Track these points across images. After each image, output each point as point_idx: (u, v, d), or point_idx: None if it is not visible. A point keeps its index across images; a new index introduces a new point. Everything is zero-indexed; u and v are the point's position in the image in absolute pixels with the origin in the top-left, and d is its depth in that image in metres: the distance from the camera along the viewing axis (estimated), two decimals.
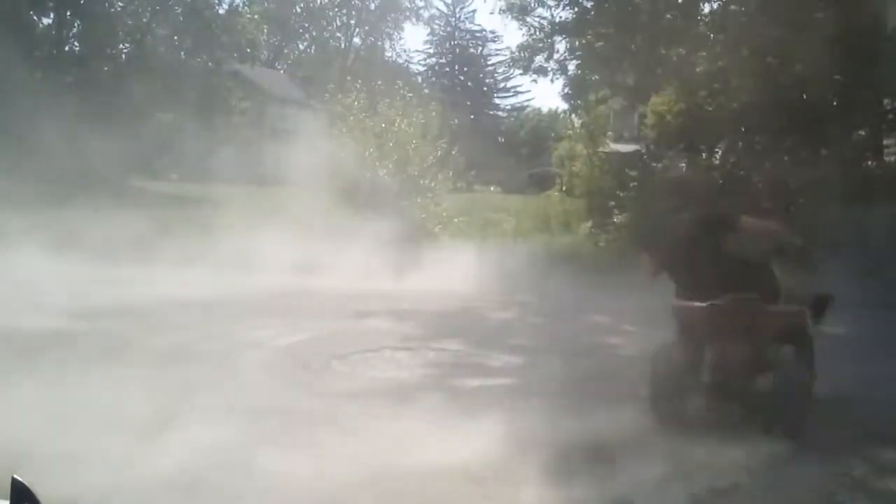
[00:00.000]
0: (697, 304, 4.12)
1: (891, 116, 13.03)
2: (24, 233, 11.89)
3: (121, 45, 28.88)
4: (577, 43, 14.12)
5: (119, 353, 5.35)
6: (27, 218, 13.38)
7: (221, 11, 30.79)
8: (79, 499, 2.93)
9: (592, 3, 13.73)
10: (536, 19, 14.34)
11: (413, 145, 13.85)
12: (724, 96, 13.26)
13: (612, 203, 13.66)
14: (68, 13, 26.60)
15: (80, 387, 4.40)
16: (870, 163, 12.63)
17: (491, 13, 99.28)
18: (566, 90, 15.77)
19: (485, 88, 52.95)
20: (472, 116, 42.87)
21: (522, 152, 46.99)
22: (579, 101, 16.39)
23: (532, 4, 14.19)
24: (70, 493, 2.93)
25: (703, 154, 13.51)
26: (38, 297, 7.56)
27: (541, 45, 14.35)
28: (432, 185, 14.04)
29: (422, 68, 52.55)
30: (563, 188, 19.10)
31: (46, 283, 8.36)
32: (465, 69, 53.04)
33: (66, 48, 27.39)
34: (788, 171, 12.40)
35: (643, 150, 14.93)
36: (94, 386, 4.42)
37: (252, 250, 11.29)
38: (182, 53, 28.97)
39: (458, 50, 53.42)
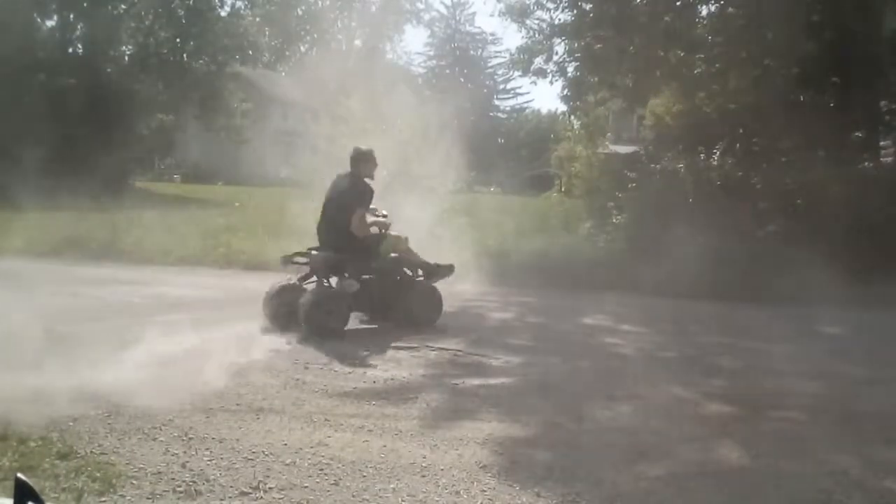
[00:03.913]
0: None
1: (887, 118, 13.11)
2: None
3: (124, 48, 29.01)
4: (576, 45, 14.17)
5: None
6: (26, 218, 13.46)
7: (223, 14, 30.91)
8: (82, 498, 3.03)
9: (591, 6, 13.79)
10: (536, 22, 14.39)
11: (413, 147, 13.92)
12: (723, 98, 13.33)
13: (612, 204, 13.73)
14: (72, 15, 26.72)
15: None
16: (867, 164, 12.70)
17: (490, 15, 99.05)
18: (565, 92, 15.78)
19: (485, 90, 53.07)
20: (472, 118, 42.92)
21: (522, 153, 47.14)
22: (578, 103, 16.44)
23: (531, 7, 14.24)
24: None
25: (702, 155, 13.59)
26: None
27: (540, 47, 14.41)
28: (433, 186, 14.11)
29: (422, 70, 52.71)
30: (563, 189, 19.19)
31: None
32: (466, 71, 53.20)
33: (70, 50, 27.51)
34: (786, 172, 12.48)
35: (642, 152, 15.00)
36: None
37: (253, 251, 11.40)
38: (184, 55, 29.08)
39: (458, 52, 53.59)
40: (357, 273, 6.44)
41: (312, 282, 6.54)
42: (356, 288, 6.37)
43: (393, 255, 6.70)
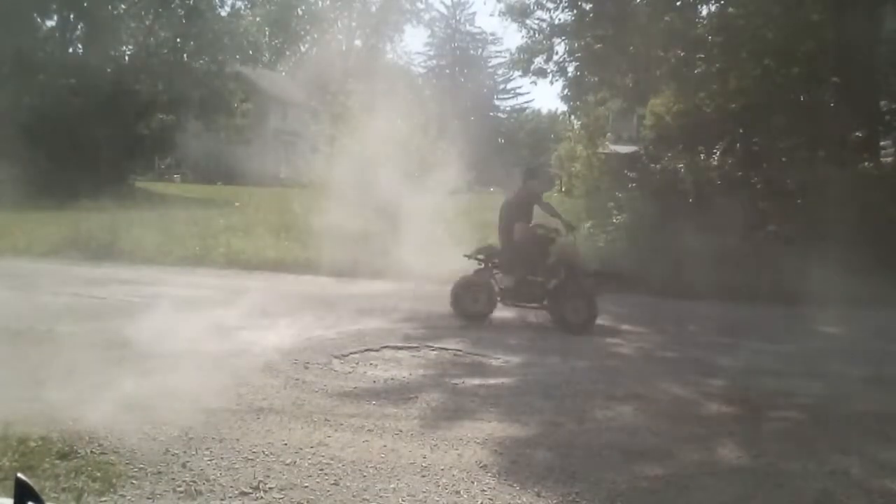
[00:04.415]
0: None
1: (887, 118, 13.09)
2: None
3: (124, 48, 29.00)
4: (576, 45, 14.20)
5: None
6: (26, 218, 13.48)
7: (223, 14, 30.91)
8: (82, 498, 3.03)
9: (591, 6, 13.80)
10: (536, 21, 14.43)
11: (413, 147, 13.92)
12: (723, 98, 13.32)
13: (612, 204, 13.72)
14: (72, 15, 26.73)
15: None
16: (867, 164, 12.68)
17: (491, 15, 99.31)
18: (565, 92, 15.80)
19: (485, 90, 53.08)
20: (472, 118, 42.97)
21: (522, 153, 47.14)
22: (578, 103, 16.45)
23: (531, 7, 14.27)
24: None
25: (702, 155, 13.58)
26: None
27: (540, 47, 14.44)
28: (433, 186, 14.10)
29: (422, 70, 52.74)
30: (563, 189, 19.18)
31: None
32: (466, 71, 53.23)
33: (70, 50, 27.51)
34: (786, 172, 12.47)
35: (642, 151, 14.99)
36: None
37: (253, 251, 11.41)
38: (184, 55, 29.06)
39: (458, 52, 53.62)
40: (519, 271, 7.14)
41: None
42: (508, 284, 7.16)
43: (563, 261, 7.23)
